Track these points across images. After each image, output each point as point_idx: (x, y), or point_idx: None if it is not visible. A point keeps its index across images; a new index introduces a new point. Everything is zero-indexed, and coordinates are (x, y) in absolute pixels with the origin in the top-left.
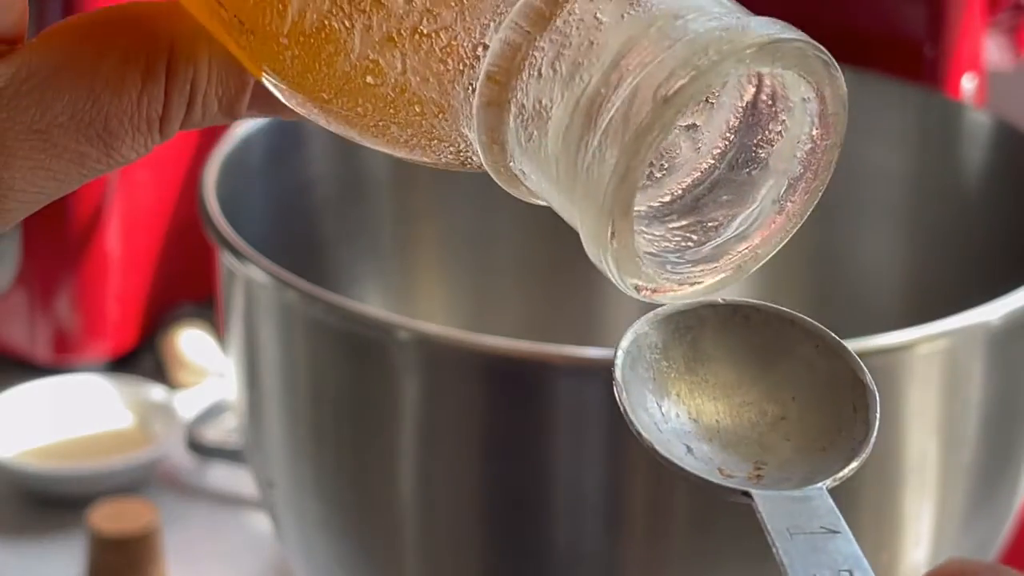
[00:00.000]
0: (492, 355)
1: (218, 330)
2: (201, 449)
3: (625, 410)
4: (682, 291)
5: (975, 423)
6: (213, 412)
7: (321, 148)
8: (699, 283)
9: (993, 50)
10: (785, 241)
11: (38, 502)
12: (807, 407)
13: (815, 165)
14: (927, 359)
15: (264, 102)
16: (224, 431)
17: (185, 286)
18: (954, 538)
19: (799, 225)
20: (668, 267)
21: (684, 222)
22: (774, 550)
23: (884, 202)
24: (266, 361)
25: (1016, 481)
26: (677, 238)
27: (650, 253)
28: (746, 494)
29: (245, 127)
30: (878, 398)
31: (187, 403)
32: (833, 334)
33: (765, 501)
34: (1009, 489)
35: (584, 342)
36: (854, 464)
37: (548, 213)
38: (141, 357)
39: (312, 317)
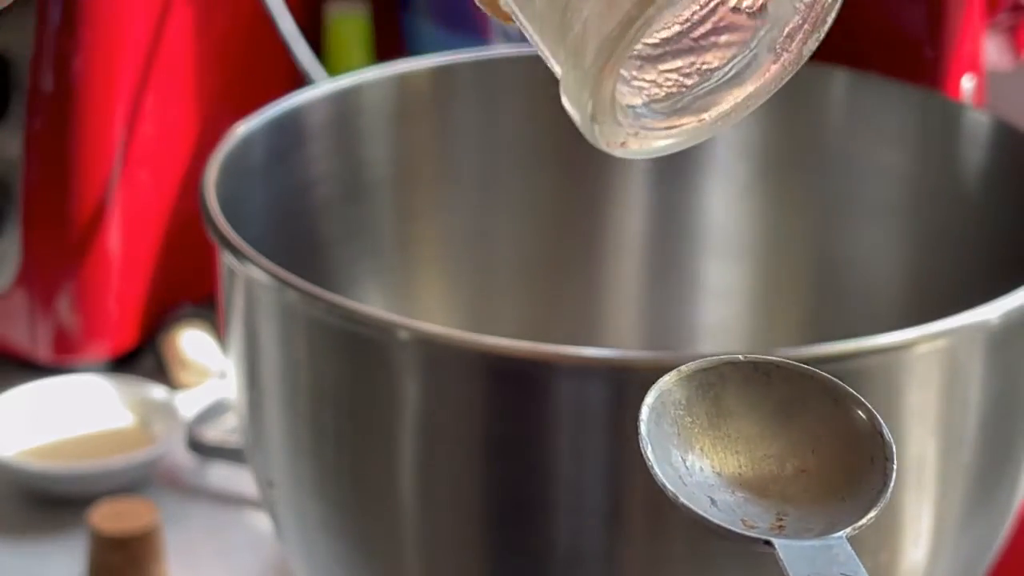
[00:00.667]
0: (492, 355)
1: (218, 330)
2: (201, 449)
3: (651, 465)
4: (660, 143)
5: (974, 423)
6: (213, 412)
7: (321, 148)
8: (682, 128)
9: (993, 50)
10: (776, 90)
11: (38, 502)
12: (826, 459)
13: (813, 17)
14: (927, 359)
15: None
16: (224, 431)
17: (185, 286)
18: (953, 538)
19: (791, 74)
20: (648, 117)
21: (679, 63)
22: None
23: (884, 202)
24: (266, 361)
25: (1016, 481)
26: (669, 83)
27: (632, 106)
28: (768, 543)
29: (245, 127)
30: (895, 449)
31: (187, 403)
32: (850, 389)
33: (787, 550)
34: (1009, 489)
35: (584, 342)
36: (872, 513)
37: (548, 213)
38: (142, 357)
39: (312, 317)
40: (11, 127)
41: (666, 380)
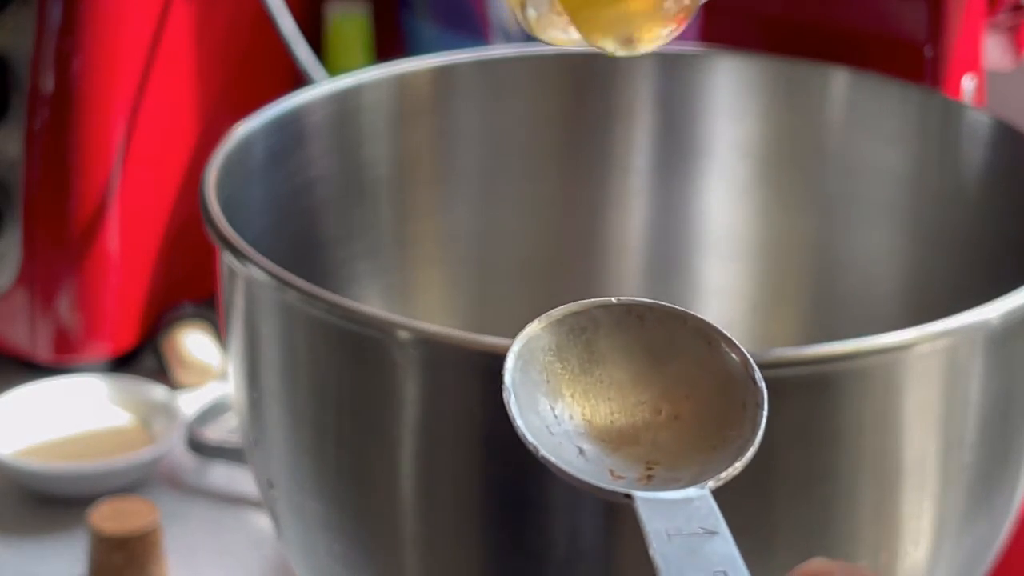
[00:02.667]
0: (492, 355)
1: (218, 330)
2: (202, 449)
3: (514, 417)
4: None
5: (975, 423)
6: (213, 412)
7: (321, 148)
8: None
9: (993, 50)
10: None
11: (39, 501)
12: (700, 405)
13: None
14: (927, 359)
15: None
16: (224, 431)
17: (185, 286)
18: (954, 538)
19: None
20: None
21: None
22: (650, 552)
23: (884, 202)
24: (266, 361)
25: (1016, 481)
26: None
27: None
28: (628, 496)
29: (245, 127)
30: (766, 396)
31: (188, 403)
32: (726, 332)
33: (645, 504)
34: (1009, 489)
35: None
36: (737, 464)
37: (548, 213)
38: (142, 357)
39: (312, 317)
40: (11, 127)
41: (534, 326)
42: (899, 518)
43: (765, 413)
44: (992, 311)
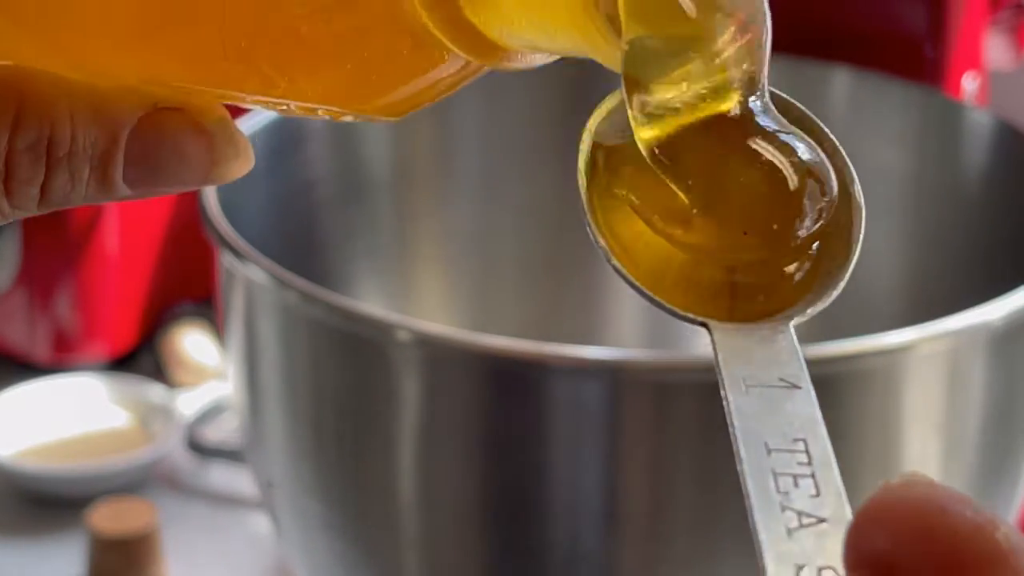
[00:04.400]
0: (492, 355)
1: (218, 330)
2: (201, 449)
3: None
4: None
5: (976, 423)
6: (213, 412)
7: (321, 148)
8: None
9: (994, 50)
10: None
11: (38, 502)
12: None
13: None
14: (928, 359)
15: (143, 165)
16: (224, 431)
17: (185, 286)
18: None
19: None
20: None
21: None
22: (725, 405)
23: (884, 201)
24: (266, 361)
25: (1016, 481)
26: None
27: None
28: (704, 325)
29: (245, 127)
30: (864, 213)
31: (187, 403)
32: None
33: (723, 337)
34: (1009, 489)
35: (584, 342)
36: (833, 293)
37: (548, 213)
38: (141, 357)
39: (312, 317)
40: None
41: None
42: None
43: (862, 235)
44: (993, 311)
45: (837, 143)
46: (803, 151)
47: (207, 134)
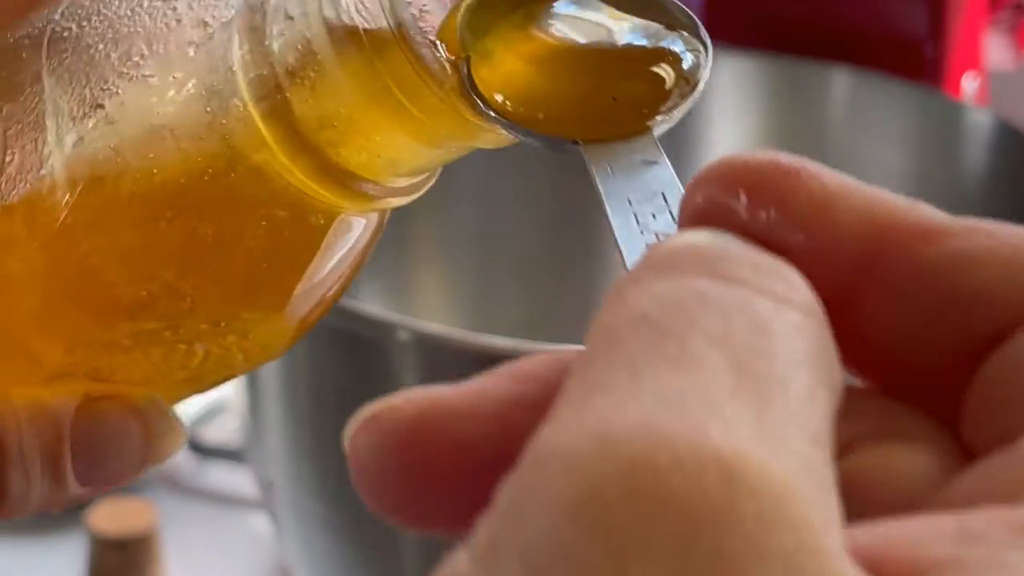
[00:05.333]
0: (492, 355)
1: None
2: (201, 449)
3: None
4: None
5: None
6: (213, 412)
7: None
8: None
9: (994, 50)
10: None
11: None
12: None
13: None
14: None
15: (88, 453)
16: (224, 431)
17: None
18: None
19: None
20: None
21: None
22: (592, 184)
23: None
24: None
25: None
26: None
27: None
28: (575, 143)
29: None
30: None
31: (187, 403)
32: None
33: (593, 149)
34: None
35: (584, 342)
36: (686, 104)
37: (548, 213)
38: None
39: None
40: None
41: None
42: None
43: (710, 61)
44: None
45: None
46: None
47: (141, 412)
